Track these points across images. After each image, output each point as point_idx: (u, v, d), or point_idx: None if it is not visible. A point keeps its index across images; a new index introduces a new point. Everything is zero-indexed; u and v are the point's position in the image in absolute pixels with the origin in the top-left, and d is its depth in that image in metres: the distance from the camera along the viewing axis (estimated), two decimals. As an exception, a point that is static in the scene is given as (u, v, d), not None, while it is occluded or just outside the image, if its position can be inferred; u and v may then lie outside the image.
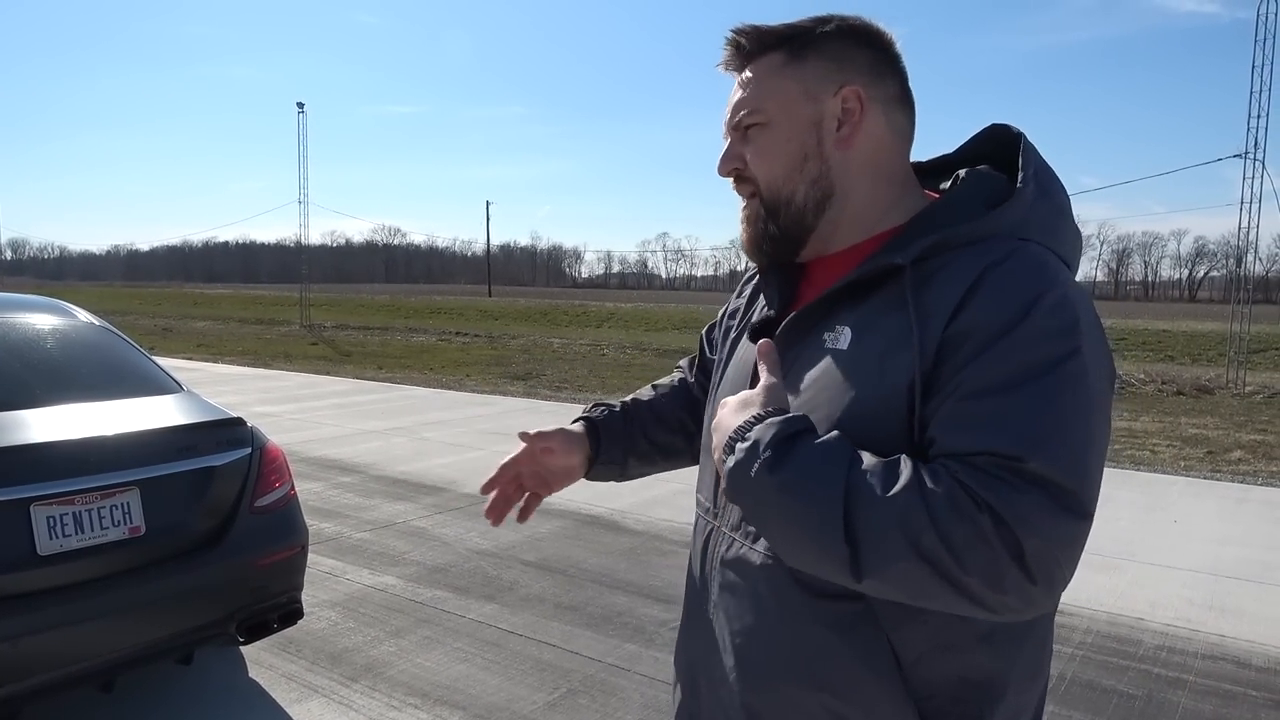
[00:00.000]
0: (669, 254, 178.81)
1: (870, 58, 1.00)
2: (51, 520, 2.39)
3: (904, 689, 0.91)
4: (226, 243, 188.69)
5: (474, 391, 12.00)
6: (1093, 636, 3.71)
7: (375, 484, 6.26)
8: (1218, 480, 6.98)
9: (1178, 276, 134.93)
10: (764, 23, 1.02)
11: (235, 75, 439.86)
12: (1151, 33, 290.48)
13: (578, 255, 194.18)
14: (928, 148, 1.10)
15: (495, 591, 4.13)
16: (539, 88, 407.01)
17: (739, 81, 1.04)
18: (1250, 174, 14.06)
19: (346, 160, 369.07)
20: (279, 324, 30.24)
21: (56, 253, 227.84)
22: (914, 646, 0.91)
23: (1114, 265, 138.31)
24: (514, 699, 3.07)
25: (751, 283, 1.21)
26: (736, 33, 1.03)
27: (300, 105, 29.16)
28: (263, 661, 3.32)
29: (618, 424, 1.34)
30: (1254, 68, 13.90)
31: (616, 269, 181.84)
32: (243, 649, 3.32)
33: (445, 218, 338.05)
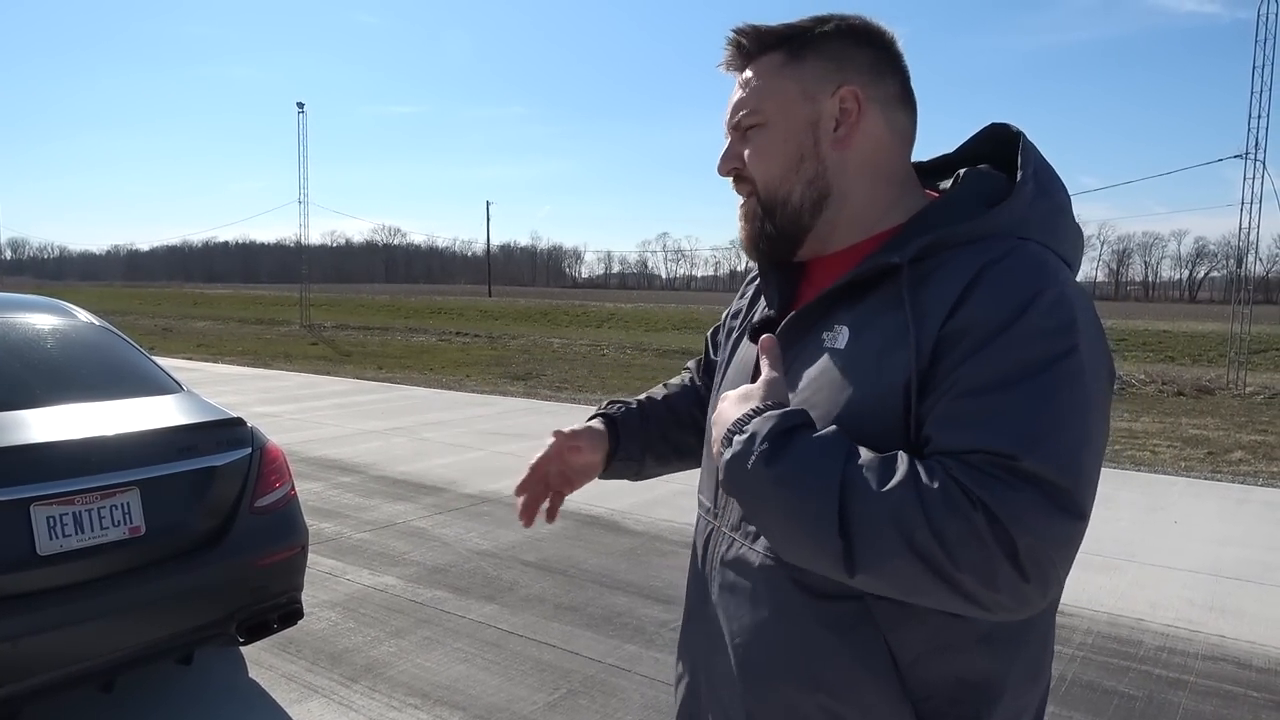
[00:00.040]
0: (669, 254, 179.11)
1: (870, 57, 1.00)
2: (51, 520, 2.39)
3: (901, 689, 0.91)
4: (226, 243, 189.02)
5: (474, 392, 11.99)
6: (1093, 637, 3.71)
7: (375, 484, 6.26)
8: (1218, 481, 6.98)
9: (1178, 277, 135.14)
10: (764, 23, 1.02)
11: (235, 75, 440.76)
12: (1152, 33, 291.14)
13: (578, 255, 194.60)
14: (927, 148, 1.10)
15: (495, 592, 4.13)
16: (539, 88, 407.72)
17: (739, 81, 1.04)
18: (1251, 174, 14.07)
19: (346, 160, 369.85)
20: (279, 324, 30.24)
21: (56, 253, 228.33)
22: (911, 647, 0.91)
23: (1114, 266, 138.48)
24: (514, 699, 3.07)
25: (754, 283, 1.21)
26: (737, 32, 1.03)
27: (300, 105, 29.22)
28: (263, 662, 3.32)
29: (635, 420, 1.33)
30: (1254, 68, 13.90)
31: (616, 269, 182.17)
32: (243, 649, 3.32)
33: (445, 218, 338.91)
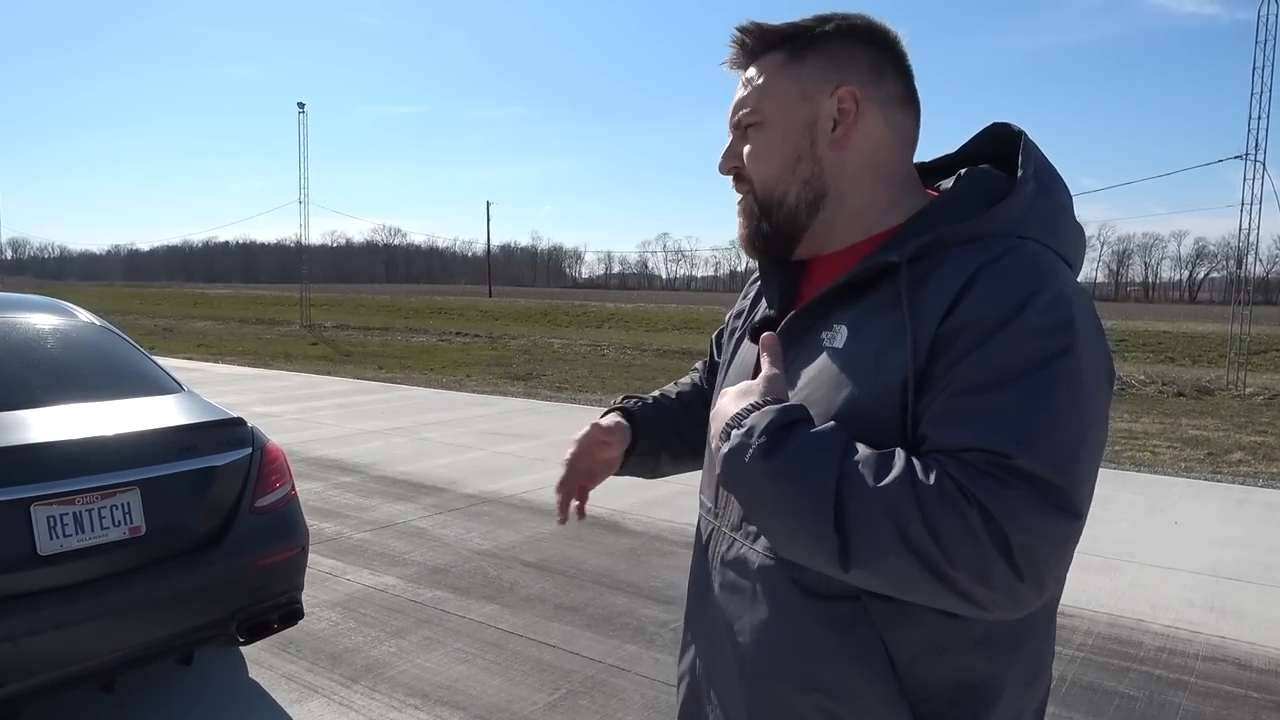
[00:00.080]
0: (669, 254, 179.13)
1: (871, 57, 1.00)
2: (52, 520, 2.39)
3: (898, 690, 0.91)
4: (227, 243, 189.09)
5: (474, 392, 11.98)
6: (1093, 638, 3.71)
7: (375, 484, 6.26)
8: (1218, 482, 6.98)
9: (1178, 278, 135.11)
10: (768, 21, 1.03)
11: (235, 75, 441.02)
12: (1152, 34, 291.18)
13: (578, 255, 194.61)
14: (928, 148, 1.10)
15: (496, 592, 4.13)
16: (539, 88, 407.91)
17: (741, 80, 1.05)
18: (1251, 175, 14.07)
19: (346, 160, 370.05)
20: (279, 324, 30.24)
21: (57, 252, 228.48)
22: (909, 648, 0.91)
23: (1114, 266, 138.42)
24: (514, 700, 3.07)
25: (757, 284, 1.21)
26: (741, 31, 1.03)
27: (301, 105, 29.22)
28: (263, 662, 3.32)
29: (653, 416, 1.32)
30: (1254, 69, 13.89)
31: (617, 269, 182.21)
32: (243, 649, 3.32)
33: (445, 218, 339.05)
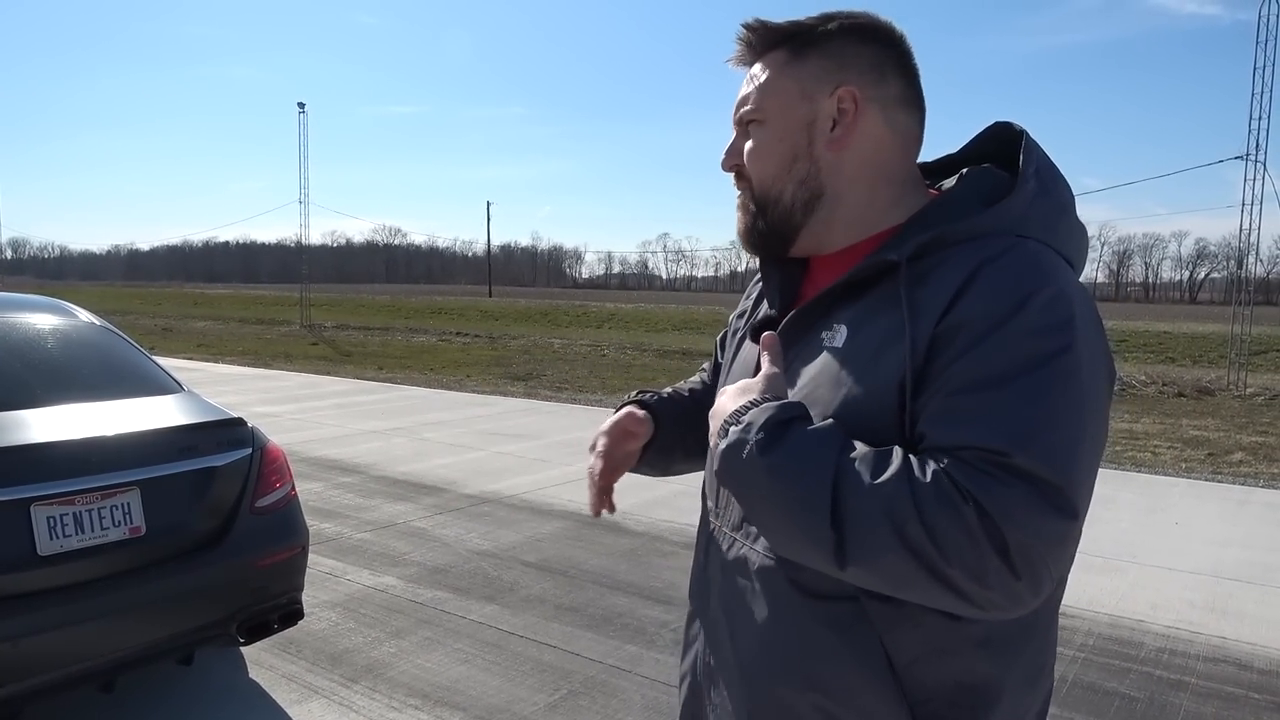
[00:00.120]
0: (669, 255, 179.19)
1: (873, 56, 1.00)
2: (52, 520, 2.39)
3: (898, 691, 0.91)
4: (227, 243, 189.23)
5: (474, 392, 11.98)
6: (1094, 639, 3.71)
7: (375, 484, 6.26)
8: (1219, 482, 6.97)
9: (1178, 278, 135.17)
10: (772, 19, 1.03)
11: (235, 75, 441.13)
12: (1152, 34, 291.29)
13: (578, 256, 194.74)
14: (928, 148, 1.10)
15: (496, 592, 4.12)
16: (539, 88, 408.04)
17: (746, 77, 1.05)
18: (1251, 176, 14.08)
19: (346, 160, 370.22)
20: (279, 324, 30.24)
21: (57, 252, 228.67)
22: (908, 649, 0.90)
23: (1115, 267, 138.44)
24: (515, 700, 3.07)
25: (759, 284, 1.21)
26: (746, 28, 1.03)
27: (301, 105, 29.23)
28: (263, 662, 3.31)
29: (670, 408, 1.29)
30: (1255, 70, 13.89)
31: (617, 269, 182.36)
32: (243, 649, 3.32)
33: (446, 218, 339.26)
